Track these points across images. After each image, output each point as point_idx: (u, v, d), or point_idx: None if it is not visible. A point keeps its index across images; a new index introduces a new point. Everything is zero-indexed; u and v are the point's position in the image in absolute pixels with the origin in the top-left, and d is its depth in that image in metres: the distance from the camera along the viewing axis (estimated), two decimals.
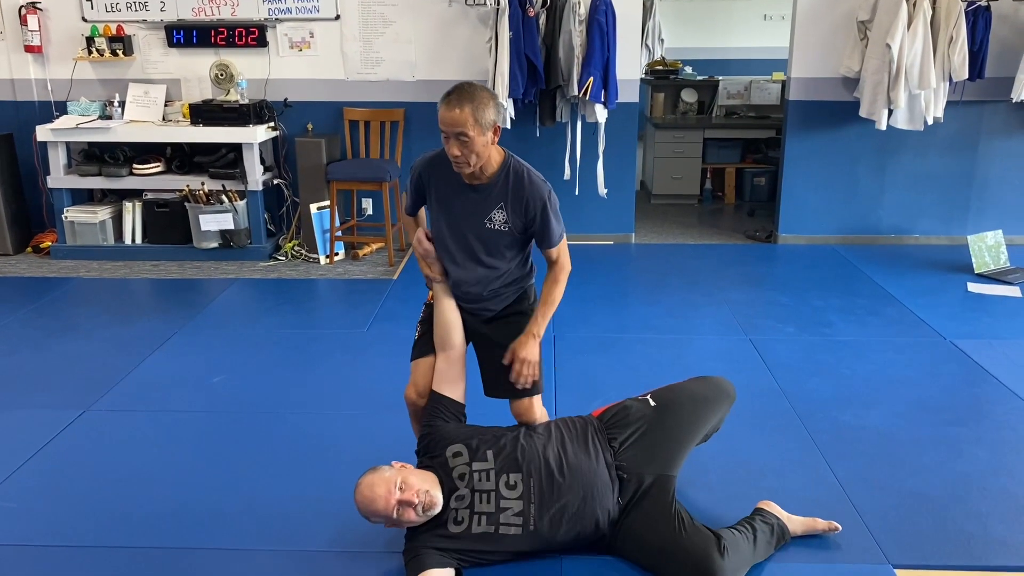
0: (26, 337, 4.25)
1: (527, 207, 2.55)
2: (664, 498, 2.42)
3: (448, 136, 2.41)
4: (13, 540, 2.61)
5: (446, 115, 2.39)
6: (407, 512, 2.30)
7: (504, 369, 2.65)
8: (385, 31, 5.65)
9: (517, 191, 2.55)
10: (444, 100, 2.41)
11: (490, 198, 2.56)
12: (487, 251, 2.60)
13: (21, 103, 5.83)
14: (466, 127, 2.37)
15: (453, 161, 2.46)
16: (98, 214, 5.62)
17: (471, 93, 2.40)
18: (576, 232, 5.93)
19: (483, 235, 2.58)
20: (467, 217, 2.58)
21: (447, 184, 2.59)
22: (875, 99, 5.31)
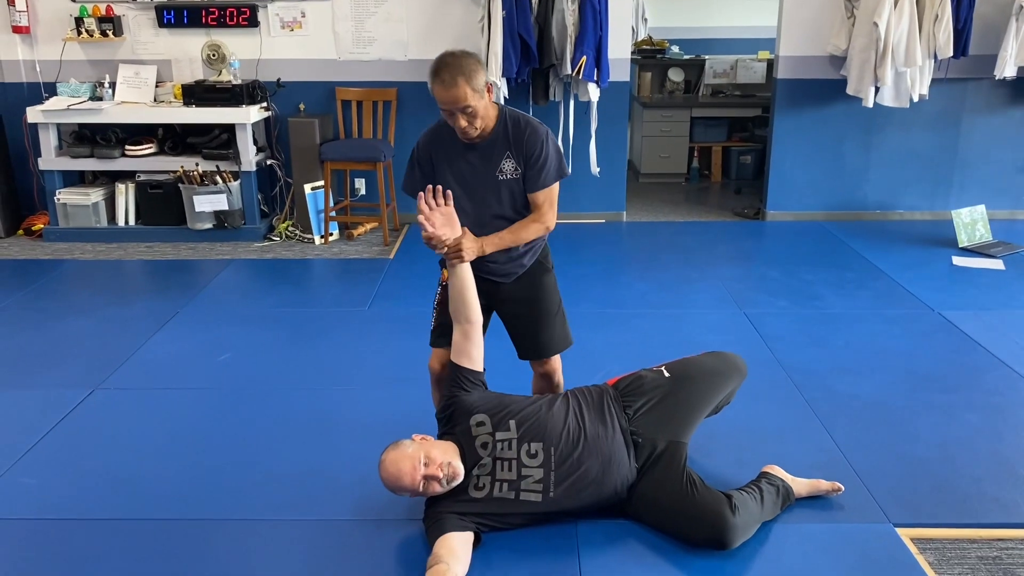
0: (27, 319, 4.26)
1: (528, 148, 2.61)
2: (676, 462, 2.50)
3: (451, 112, 2.48)
4: (33, 514, 2.65)
5: (444, 95, 2.44)
6: (432, 485, 2.37)
7: (534, 329, 2.77)
8: (377, 10, 5.65)
9: (517, 137, 2.62)
10: (436, 79, 2.45)
11: (495, 151, 2.62)
12: (505, 205, 2.67)
13: (8, 84, 5.78)
14: (467, 100, 2.45)
15: (461, 133, 2.54)
16: (91, 196, 5.61)
17: (460, 65, 2.45)
18: (568, 211, 6.01)
19: (498, 189, 2.65)
20: (479, 176, 2.65)
21: (450, 151, 2.65)
22: (862, 77, 5.40)
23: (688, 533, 2.42)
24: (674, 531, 2.45)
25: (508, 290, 2.80)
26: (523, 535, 2.48)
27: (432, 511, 2.44)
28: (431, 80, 2.48)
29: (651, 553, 2.43)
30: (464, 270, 2.64)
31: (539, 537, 2.49)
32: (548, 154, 2.64)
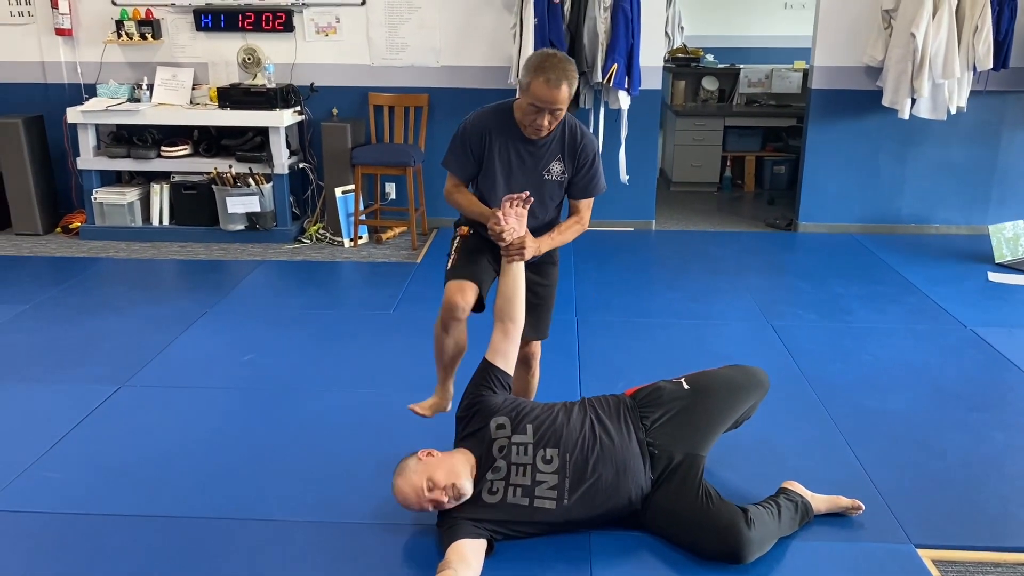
0: (59, 315, 4.34)
1: (582, 158, 2.71)
2: (692, 475, 2.48)
3: (541, 110, 2.51)
4: (55, 508, 2.69)
5: (547, 93, 2.47)
6: (440, 505, 2.41)
7: (536, 313, 2.86)
8: (410, 17, 5.69)
9: (572, 143, 2.69)
10: (541, 76, 2.46)
11: (549, 151, 2.69)
12: (542, 202, 2.73)
13: (51, 85, 5.91)
14: (563, 103, 2.51)
15: (536, 129, 2.58)
16: (126, 195, 5.71)
17: (567, 70, 2.49)
18: (597, 218, 5.92)
19: (541, 186, 2.70)
20: (527, 171, 2.70)
21: (507, 139, 2.67)
22: (898, 88, 5.32)
23: (703, 546, 2.40)
24: (689, 544, 2.43)
25: (528, 274, 2.82)
26: (535, 545, 2.47)
27: (447, 517, 2.44)
28: (534, 75, 2.48)
29: (664, 567, 2.40)
30: (518, 268, 2.65)
31: (551, 547, 2.48)
32: (599, 167, 2.77)
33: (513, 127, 2.66)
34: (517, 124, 2.65)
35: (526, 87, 2.52)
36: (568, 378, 3.64)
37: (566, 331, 4.16)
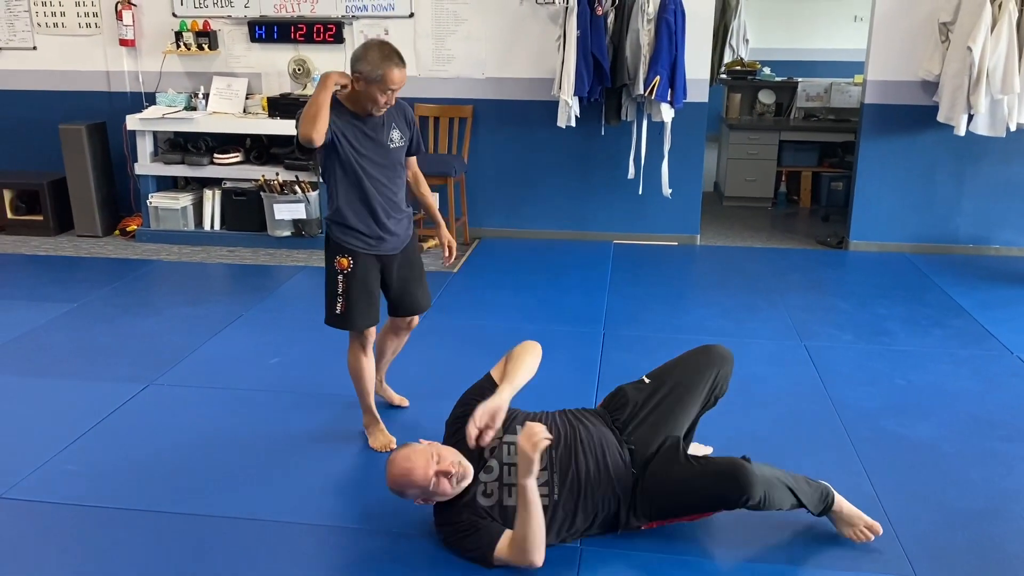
0: (104, 314, 4.52)
1: (408, 119, 3.09)
2: (674, 447, 2.55)
3: (390, 91, 2.83)
4: (70, 500, 2.79)
5: (400, 76, 2.82)
6: (442, 483, 2.41)
7: (415, 288, 3.24)
8: (457, 29, 5.75)
9: (398, 110, 3.05)
10: (392, 63, 2.78)
11: (385, 123, 2.99)
12: (395, 169, 3.06)
13: (114, 93, 6.17)
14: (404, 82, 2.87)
15: (378, 108, 2.88)
16: (180, 200, 5.91)
17: (399, 52, 2.85)
18: (639, 231, 5.95)
19: (389, 155, 3.02)
20: (374, 145, 2.97)
21: (347, 125, 2.92)
22: (954, 103, 5.13)
23: (707, 497, 2.45)
24: (695, 503, 2.49)
25: (399, 259, 3.14)
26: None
27: (457, 520, 2.46)
28: (385, 63, 2.78)
29: None
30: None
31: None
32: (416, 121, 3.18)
33: (345, 113, 2.91)
34: (348, 111, 2.92)
35: (379, 77, 2.78)
36: (584, 392, 3.61)
37: (590, 344, 4.13)
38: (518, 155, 5.94)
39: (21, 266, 5.46)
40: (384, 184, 3.01)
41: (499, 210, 6.07)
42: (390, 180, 3.03)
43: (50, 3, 6.05)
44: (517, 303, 4.74)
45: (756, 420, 3.35)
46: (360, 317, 3.06)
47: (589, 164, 5.88)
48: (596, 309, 4.63)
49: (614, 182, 5.83)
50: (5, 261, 5.56)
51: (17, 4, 6.08)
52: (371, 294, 3.08)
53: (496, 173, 5.99)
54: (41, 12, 6.08)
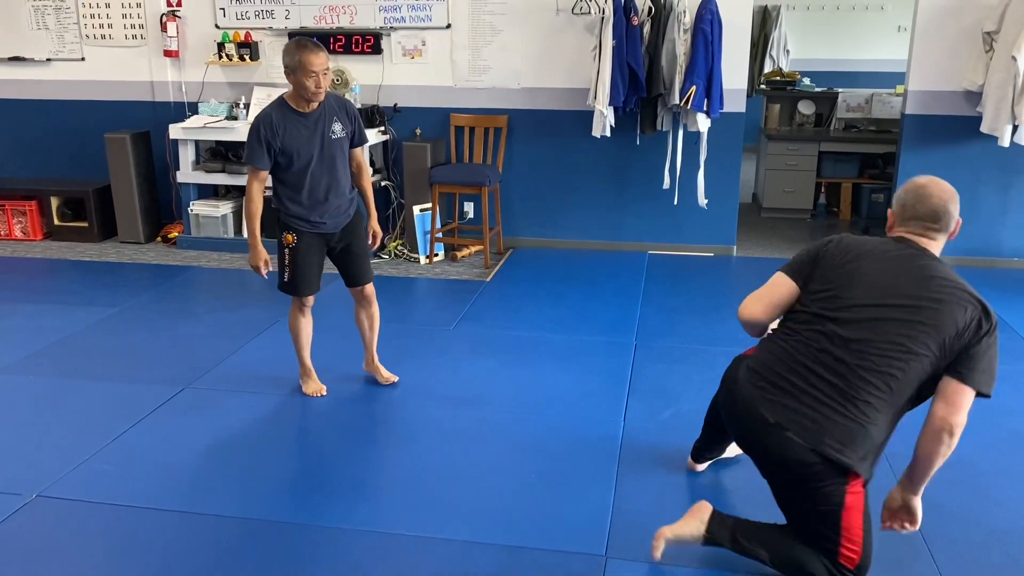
0: (144, 318, 4.61)
1: (349, 113, 3.40)
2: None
3: (319, 74, 3.15)
4: (105, 499, 2.85)
5: (318, 58, 3.13)
6: None
7: (360, 262, 3.58)
8: (493, 40, 5.78)
9: (338, 103, 3.37)
10: (308, 50, 3.11)
11: (324, 116, 3.30)
12: (338, 160, 3.36)
13: (158, 103, 6.30)
14: (328, 63, 3.20)
15: (317, 93, 3.19)
16: (220, 208, 6.01)
17: (315, 41, 3.21)
18: (674, 242, 5.92)
19: (332, 148, 3.33)
20: (317, 139, 3.28)
21: (288, 125, 3.25)
22: (998, 114, 5.03)
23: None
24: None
25: (339, 236, 3.49)
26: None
27: None
28: (302, 53, 3.11)
29: None
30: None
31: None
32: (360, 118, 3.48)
33: (290, 112, 3.25)
34: (292, 109, 3.25)
35: (298, 64, 3.12)
36: (614, 402, 3.59)
37: (621, 355, 4.11)
38: (553, 165, 5.95)
39: (66, 271, 5.60)
40: (324, 173, 3.34)
41: (533, 220, 6.08)
42: (331, 169, 3.35)
43: (98, 15, 6.21)
44: (549, 312, 4.73)
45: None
46: (302, 285, 3.50)
47: (624, 174, 5.86)
48: (629, 319, 4.61)
49: (649, 192, 5.81)
50: (51, 266, 5.70)
51: (67, 16, 6.25)
52: (312, 266, 3.48)
53: (531, 183, 6.01)
54: (90, 24, 6.24)
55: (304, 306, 3.57)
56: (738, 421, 2.45)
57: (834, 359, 2.28)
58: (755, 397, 2.36)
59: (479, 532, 2.66)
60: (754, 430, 2.36)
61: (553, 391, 3.71)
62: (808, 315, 2.38)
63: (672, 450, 3.16)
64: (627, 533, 2.66)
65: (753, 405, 2.35)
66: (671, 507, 2.77)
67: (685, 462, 3.05)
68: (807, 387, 2.29)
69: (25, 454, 3.15)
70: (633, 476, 3.01)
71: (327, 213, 3.40)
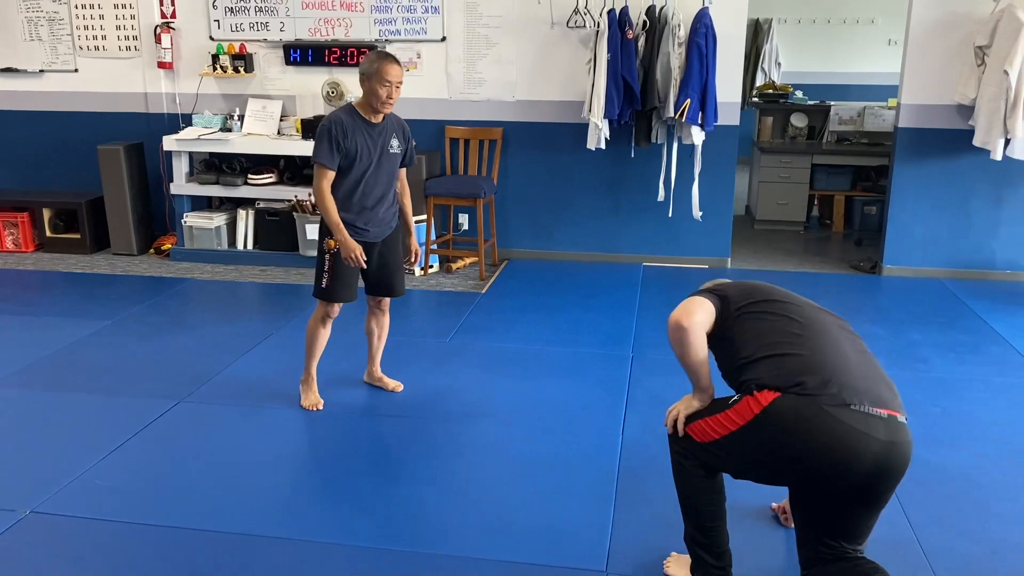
0: (138, 331, 4.58)
1: (405, 132, 3.54)
2: None
3: (393, 85, 3.28)
4: (99, 515, 2.82)
5: (394, 69, 3.28)
6: None
7: (393, 274, 3.64)
8: (488, 52, 5.80)
9: (398, 121, 3.52)
10: (387, 60, 3.26)
11: (386, 130, 3.43)
12: (391, 174, 3.49)
13: (152, 115, 6.28)
14: (402, 76, 3.34)
15: (388, 103, 3.32)
16: (214, 220, 5.99)
17: (393, 55, 3.33)
18: (669, 254, 5.92)
19: (390, 161, 3.46)
20: (379, 150, 3.39)
21: (356, 131, 3.34)
22: (991, 127, 5.06)
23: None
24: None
25: (379, 246, 3.55)
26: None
27: None
28: (381, 62, 3.25)
29: None
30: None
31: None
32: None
33: (359, 119, 3.35)
34: (361, 117, 3.36)
35: (375, 72, 3.25)
36: (613, 415, 3.59)
37: (618, 367, 4.10)
38: (547, 177, 5.96)
39: (58, 283, 5.56)
40: (378, 183, 3.44)
41: (528, 231, 6.08)
42: (383, 180, 3.46)
43: (92, 27, 6.20)
44: (546, 324, 4.73)
45: None
46: (340, 291, 3.51)
47: (619, 186, 5.87)
48: (625, 331, 4.61)
49: (644, 204, 5.82)
50: (43, 278, 5.67)
51: (60, 28, 6.24)
52: (352, 274, 3.49)
53: (525, 195, 6.01)
54: (83, 35, 6.22)
55: (329, 316, 3.59)
56: (845, 465, 2.05)
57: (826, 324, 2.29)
58: (853, 419, 2.04)
59: (479, 548, 2.64)
60: (876, 458, 2.04)
61: (551, 404, 3.70)
62: (750, 311, 2.31)
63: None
64: (628, 548, 2.65)
65: (857, 432, 2.03)
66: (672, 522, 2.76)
67: None
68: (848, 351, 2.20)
69: (18, 469, 3.12)
70: (633, 490, 2.99)
71: (372, 221, 3.47)
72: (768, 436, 2.11)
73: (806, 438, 2.05)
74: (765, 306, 2.31)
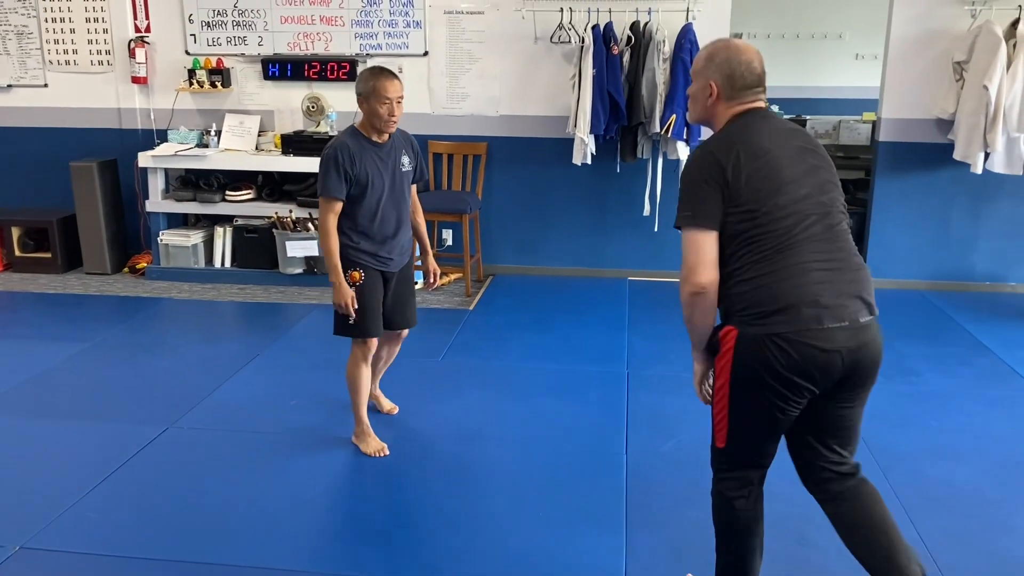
0: (118, 354, 4.44)
1: (414, 147, 3.37)
2: None
3: (393, 101, 3.10)
4: (93, 549, 2.70)
5: (393, 85, 3.10)
6: None
7: (407, 303, 3.47)
8: (471, 67, 5.75)
9: (406, 138, 3.34)
10: (384, 76, 3.10)
11: (395, 148, 3.25)
12: (406, 194, 3.31)
13: (125, 131, 6.13)
14: (402, 91, 3.15)
15: (390, 122, 3.14)
16: (191, 238, 5.85)
17: (389, 69, 3.17)
18: (655, 268, 5.91)
19: (402, 179, 3.28)
20: (390, 171, 3.22)
21: (364, 155, 3.16)
22: (971, 142, 5.13)
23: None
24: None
25: (397, 276, 3.39)
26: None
27: None
28: (377, 79, 3.08)
29: None
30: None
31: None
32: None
33: (365, 142, 3.17)
34: (366, 139, 3.18)
35: (371, 91, 3.08)
36: (614, 435, 3.54)
37: (615, 384, 4.07)
38: (532, 192, 5.92)
39: (30, 304, 5.39)
40: (394, 207, 3.26)
41: (513, 247, 6.03)
42: (399, 203, 3.28)
43: (62, 40, 6.04)
44: (537, 341, 4.68)
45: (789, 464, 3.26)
46: (372, 325, 3.30)
47: (604, 201, 5.86)
48: (618, 347, 4.58)
49: (629, 219, 5.80)
50: (13, 299, 5.49)
51: (29, 42, 6.07)
52: (379, 305, 3.32)
53: (510, 210, 5.97)
54: (53, 50, 6.07)
55: (368, 351, 3.33)
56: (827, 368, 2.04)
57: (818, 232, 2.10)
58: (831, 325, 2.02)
59: None
60: (853, 350, 2.04)
61: (551, 425, 3.65)
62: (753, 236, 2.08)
63: (679, 484, 3.11)
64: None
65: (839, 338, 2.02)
66: (686, 546, 2.72)
67: (694, 497, 2.99)
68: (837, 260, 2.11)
69: (4, 502, 2.98)
70: (643, 514, 2.95)
71: (395, 249, 3.31)
72: (745, 375, 2.09)
73: (777, 367, 2.03)
74: (747, 223, 2.09)
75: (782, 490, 2.54)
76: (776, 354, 2.03)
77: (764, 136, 2.15)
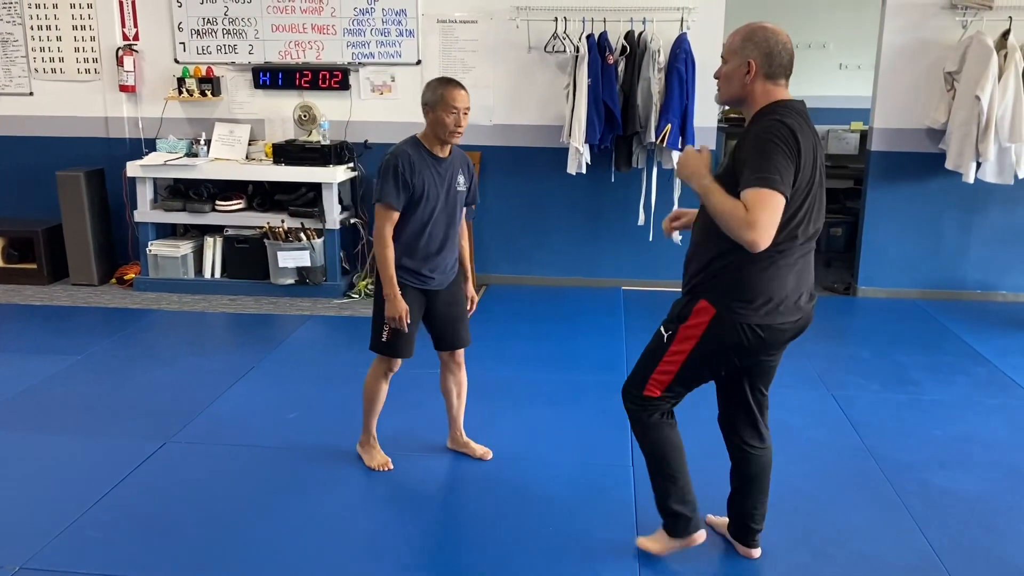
0: (110, 366, 4.36)
1: (470, 168, 3.25)
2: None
3: (460, 112, 3.01)
4: (95, 570, 2.64)
5: (460, 95, 3.01)
6: None
7: (457, 324, 3.29)
8: (465, 76, 5.73)
9: (463, 157, 3.22)
10: (451, 85, 3.01)
11: (453, 166, 3.14)
12: (457, 214, 3.19)
13: (113, 140, 6.05)
14: (469, 102, 3.07)
15: (456, 132, 3.04)
16: (180, 248, 5.78)
17: (456, 80, 3.08)
18: (650, 278, 5.91)
19: (456, 198, 3.16)
20: (445, 187, 3.10)
21: (424, 167, 3.05)
22: (962, 151, 5.18)
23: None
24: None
25: (442, 295, 3.22)
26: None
27: None
28: (446, 87, 3.00)
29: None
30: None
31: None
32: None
33: (425, 153, 3.07)
34: (427, 151, 3.07)
35: (439, 99, 2.99)
36: (619, 448, 3.52)
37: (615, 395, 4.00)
38: (526, 201, 5.90)
39: (16, 316, 5.29)
40: (443, 224, 3.13)
41: (506, 256, 6.01)
42: (450, 222, 3.15)
43: (48, 48, 5.96)
44: (534, 351, 4.65)
45: (798, 475, 3.26)
46: (405, 346, 3.19)
47: (598, 210, 5.85)
48: (616, 357, 4.56)
49: (624, 228, 5.80)
50: None
51: (14, 50, 5.98)
52: (415, 326, 3.17)
53: (503, 219, 5.94)
54: (39, 58, 5.98)
55: (391, 370, 3.27)
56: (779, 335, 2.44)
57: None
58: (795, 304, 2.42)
59: None
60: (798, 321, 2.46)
61: (554, 437, 3.62)
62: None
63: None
64: None
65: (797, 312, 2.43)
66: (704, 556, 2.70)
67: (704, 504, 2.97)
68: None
69: (2, 521, 2.91)
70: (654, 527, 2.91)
71: (438, 268, 3.15)
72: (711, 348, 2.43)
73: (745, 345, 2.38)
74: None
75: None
76: (749, 336, 2.34)
77: (810, 139, 2.29)
